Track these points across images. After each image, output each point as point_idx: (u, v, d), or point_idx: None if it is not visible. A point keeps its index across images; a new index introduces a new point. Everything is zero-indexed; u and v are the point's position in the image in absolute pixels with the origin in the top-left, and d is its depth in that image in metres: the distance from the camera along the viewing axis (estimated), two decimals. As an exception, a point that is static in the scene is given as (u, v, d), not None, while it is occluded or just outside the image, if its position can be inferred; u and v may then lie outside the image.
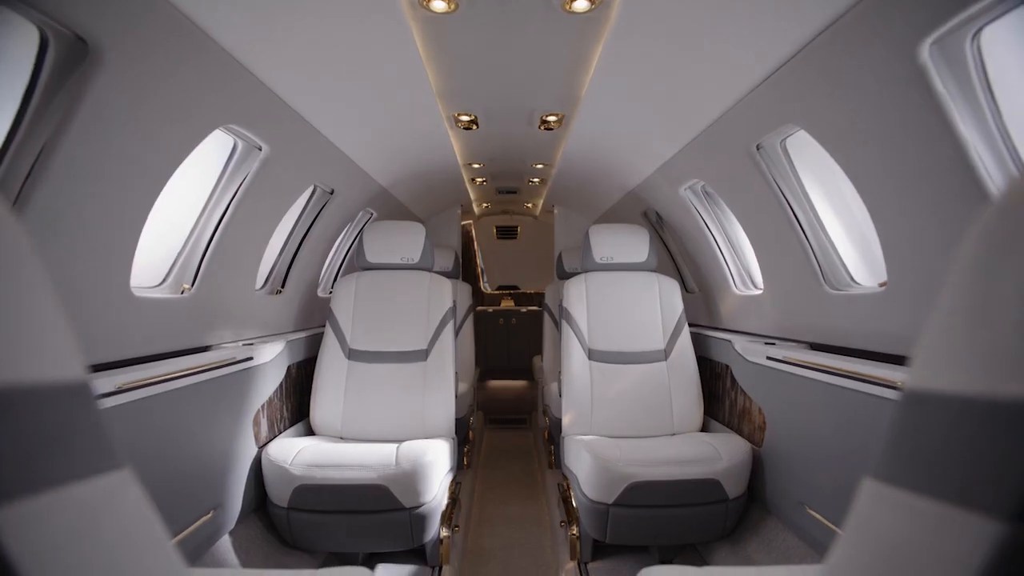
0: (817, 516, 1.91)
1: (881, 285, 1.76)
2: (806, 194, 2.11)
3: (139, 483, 0.45)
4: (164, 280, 2.01)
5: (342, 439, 2.66)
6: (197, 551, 1.86)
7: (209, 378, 1.92)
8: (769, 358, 2.20)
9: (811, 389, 1.95)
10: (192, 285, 2.05)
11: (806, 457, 1.99)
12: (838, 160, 1.67)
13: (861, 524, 0.44)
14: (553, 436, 3.69)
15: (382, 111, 2.41)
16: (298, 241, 2.96)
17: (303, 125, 2.19)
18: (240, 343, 2.31)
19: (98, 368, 1.54)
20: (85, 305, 1.49)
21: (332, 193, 2.95)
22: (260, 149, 2.08)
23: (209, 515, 1.92)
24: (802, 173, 2.09)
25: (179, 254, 2.05)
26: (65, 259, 1.38)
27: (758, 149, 2.09)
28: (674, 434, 2.74)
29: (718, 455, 2.20)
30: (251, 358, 2.18)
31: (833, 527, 1.82)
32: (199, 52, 1.49)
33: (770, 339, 2.46)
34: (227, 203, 2.11)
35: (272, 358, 2.40)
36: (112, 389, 1.43)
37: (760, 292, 2.62)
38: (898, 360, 1.69)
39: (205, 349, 2.12)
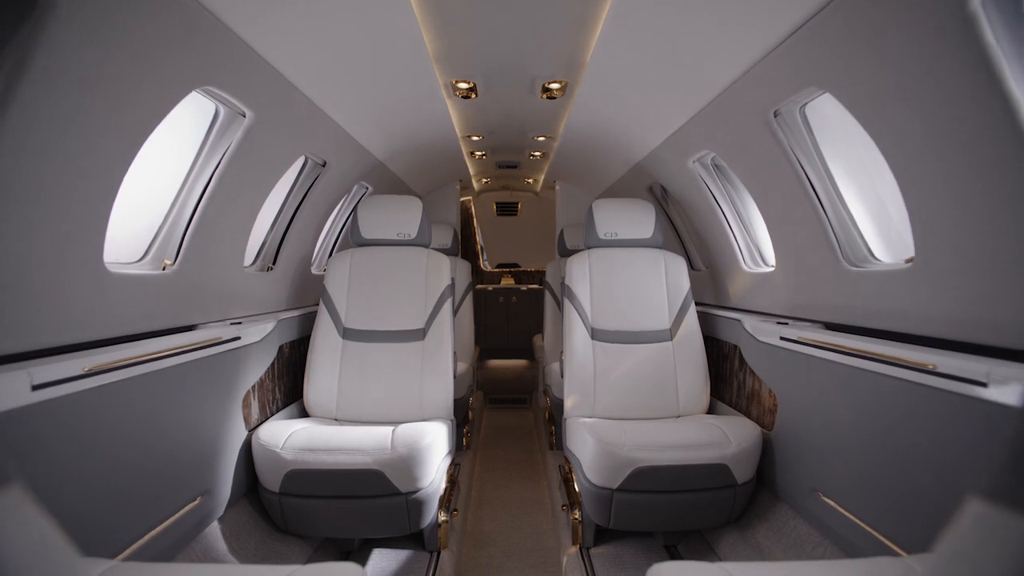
0: (831, 503, 1.82)
1: (907, 261, 1.65)
2: (825, 164, 1.98)
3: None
4: (144, 256, 1.90)
5: (337, 421, 2.58)
6: (184, 539, 1.79)
7: (193, 359, 1.82)
8: (783, 338, 2.10)
9: (828, 371, 1.85)
10: (174, 261, 1.94)
11: (821, 442, 1.90)
12: (867, 126, 1.54)
13: (968, 550, 0.35)
14: (554, 417, 3.62)
15: (376, 77, 2.27)
16: (289, 215, 2.83)
17: (290, 90, 2.05)
18: (228, 322, 2.21)
19: (69, 349, 1.43)
20: (50, 282, 1.38)
21: (324, 165, 2.82)
22: (244, 116, 1.95)
23: (197, 501, 1.84)
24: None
25: (160, 228, 1.94)
26: (24, 232, 1.27)
27: (775, 116, 1.96)
28: (679, 416, 2.66)
29: (727, 439, 2.12)
30: (238, 338, 2.08)
31: (850, 515, 1.73)
32: (171, 5, 1.36)
33: (782, 318, 2.36)
34: (210, 173, 1.98)
35: (262, 338, 2.30)
36: (79, 372, 1.33)
37: (771, 269, 2.50)
38: (922, 341, 1.59)
39: (190, 328, 2.01)
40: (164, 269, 1.90)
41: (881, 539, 1.60)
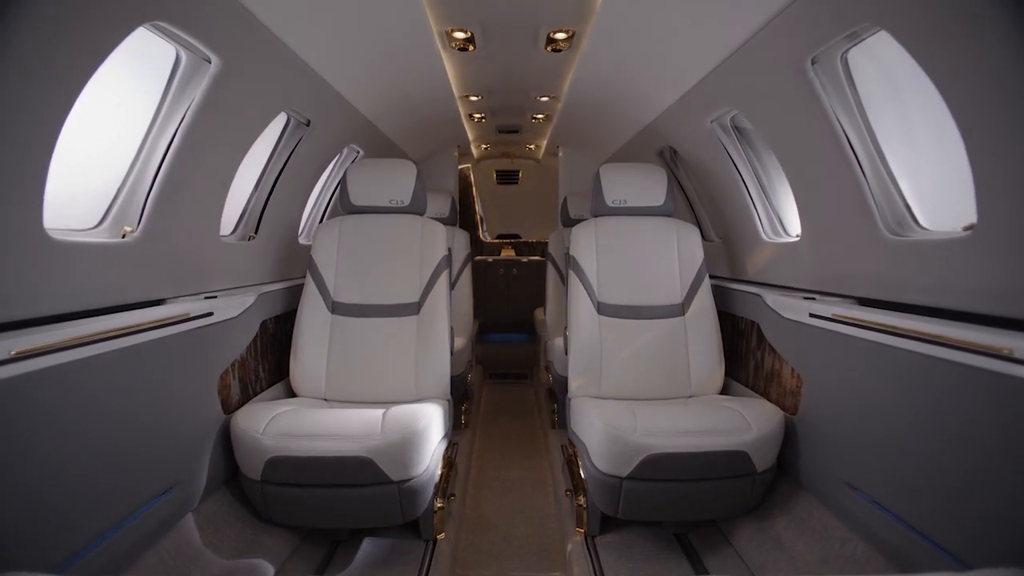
0: (865, 497, 1.66)
1: (966, 229, 1.44)
2: (866, 120, 1.76)
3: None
4: (100, 222, 1.69)
5: (326, 402, 2.41)
6: (154, 534, 1.63)
7: (158, 337, 1.63)
8: (813, 315, 1.91)
9: (867, 353, 1.66)
10: (136, 228, 1.73)
11: (855, 430, 1.73)
12: (930, 71, 1.32)
13: None
14: (556, 395, 3.46)
15: (363, 24, 2.03)
16: (272, 180, 2.61)
17: (263, 35, 1.81)
18: (202, 296, 2.01)
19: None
20: None
21: (308, 124, 2.58)
22: (209, 62, 1.72)
23: (166, 494, 1.68)
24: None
25: (118, 190, 1.72)
26: None
27: (813, 64, 1.73)
28: (691, 396, 2.49)
29: (747, 424, 1.94)
30: (211, 313, 1.88)
31: (887, 511, 1.57)
32: None
33: (807, 293, 2.16)
34: (175, 128, 1.76)
35: (240, 313, 2.11)
36: (5, 356, 1.14)
37: (795, 239, 2.30)
38: (976, 319, 1.40)
39: (159, 303, 1.82)
40: (124, 237, 1.69)
41: (925, 540, 1.44)
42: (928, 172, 1.77)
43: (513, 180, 6.71)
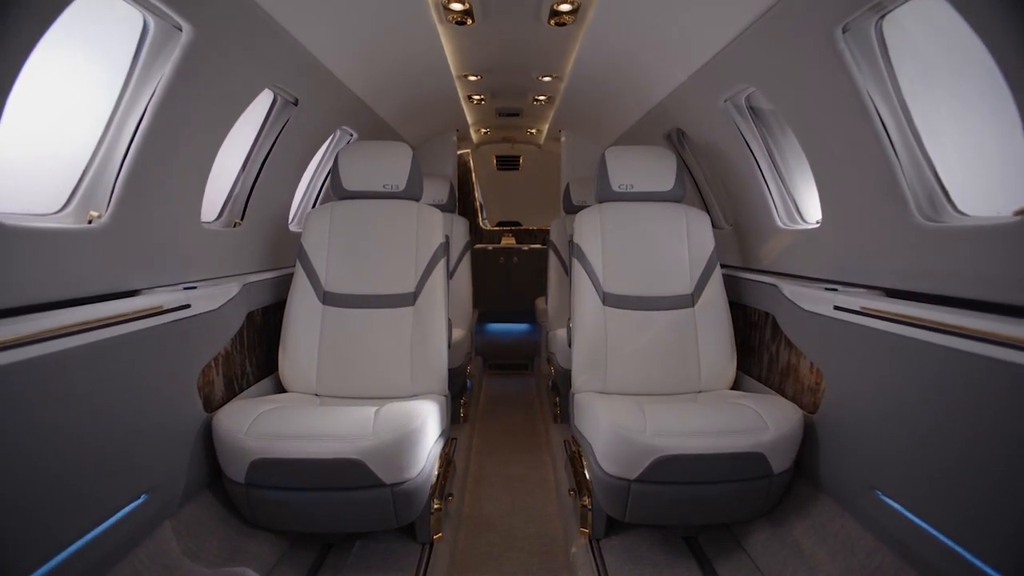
0: (896, 505, 1.53)
1: (1016, 213, 1.30)
2: (900, 95, 1.61)
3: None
4: (64, 206, 1.55)
5: (317, 397, 2.29)
6: (125, 545, 1.50)
7: (128, 332, 1.49)
8: (838, 308, 1.77)
9: (898, 348, 1.53)
10: (104, 213, 1.59)
11: (883, 431, 1.60)
12: (985, 35, 1.17)
13: None
14: (559, 387, 3.34)
15: None
16: (259, 163, 2.46)
17: (241, 1, 1.66)
18: (181, 287, 1.88)
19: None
20: None
21: (296, 103, 2.42)
22: (180, 30, 1.56)
23: (139, 500, 1.55)
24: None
25: (84, 172, 1.58)
26: None
27: (844, 33, 1.57)
28: (700, 392, 2.36)
29: (763, 423, 1.82)
30: (187, 305, 1.75)
31: (923, 523, 1.44)
32: None
33: (827, 283, 2.03)
34: (145, 103, 1.61)
35: (222, 304, 1.98)
36: None
37: (815, 226, 2.16)
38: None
39: (133, 294, 1.69)
40: (91, 223, 1.55)
41: (963, 552, 1.32)
42: (960, 154, 1.63)
43: (514, 166, 6.54)
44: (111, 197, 1.60)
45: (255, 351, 2.33)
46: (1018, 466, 1.19)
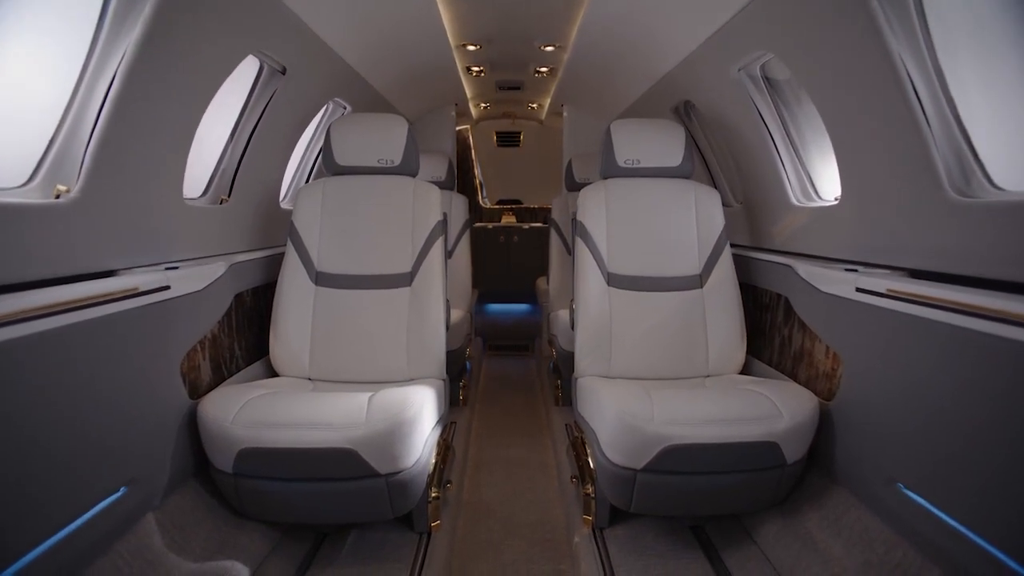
0: (920, 499, 1.45)
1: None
2: (935, 59, 1.48)
3: None
4: (29, 180, 1.43)
5: (310, 381, 2.20)
6: (104, 541, 1.42)
7: (102, 315, 1.39)
8: (860, 290, 1.67)
9: (925, 333, 1.43)
10: (74, 187, 1.47)
11: (906, 421, 1.51)
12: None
13: None
14: (561, 370, 3.25)
15: None
16: (246, 136, 2.33)
17: None
18: (162, 267, 1.77)
19: None
20: None
21: (284, 73, 2.29)
22: (150, -15, 1.43)
23: (119, 494, 1.47)
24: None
25: (50, 142, 1.46)
26: None
27: (875, -10, 1.44)
28: (708, 376, 2.27)
29: (777, 411, 1.73)
30: (167, 287, 1.64)
31: (951, 518, 1.36)
32: None
33: (846, 263, 1.92)
34: (115, 67, 1.48)
35: (207, 285, 1.87)
36: None
37: (833, 203, 2.04)
38: None
39: (109, 275, 1.58)
40: (58, 197, 1.44)
41: (993, 551, 1.24)
42: (992, 124, 1.51)
43: (514, 142, 6.38)
44: (80, 170, 1.48)
45: (245, 334, 2.24)
46: None
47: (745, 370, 2.38)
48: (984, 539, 1.27)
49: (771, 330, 2.34)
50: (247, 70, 2.24)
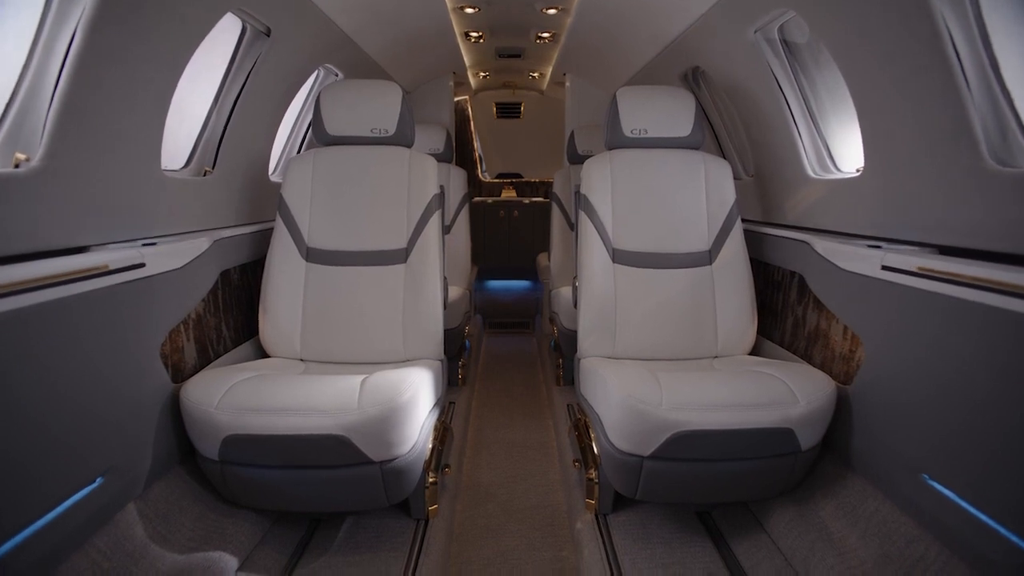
0: (948, 492, 1.36)
1: None
2: (980, 16, 1.34)
3: None
4: (-16, 147, 1.31)
5: (302, 362, 2.11)
6: (79, 534, 1.34)
7: (68, 295, 1.29)
8: (886, 268, 1.56)
9: (957, 315, 1.33)
10: (35, 156, 1.35)
11: (934, 408, 1.41)
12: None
13: None
14: (562, 349, 3.17)
15: None
16: (231, 103, 2.19)
17: None
18: (139, 243, 1.66)
19: None
20: None
21: (268, 35, 2.14)
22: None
23: (95, 484, 1.38)
24: None
25: (7, 106, 1.34)
26: None
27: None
28: (716, 357, 2.18)
29: (793, 396, 1.63)
30: (142, 264, 1.53)
31: (982, 514, 1.27)
32: None
33: (868, 239, 1.81)
34: (75, 22, 1.35)
35: (189, 262, 1.76)
36: None
37: (854, 175, 1.91)
38: None
39: (81, 251, 1.47)
40: (17, 167, 1.32)
41: None
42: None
43: (515, 113, 6.19)
44: (42, 136, 1.36)
45: (232, 314, 2.13)
46: None
47: (755, 351, 2.28)
48: (1019, 536, 1.18)
49: (783, 309, 2.24)
50: (230, 31, 2.10)
